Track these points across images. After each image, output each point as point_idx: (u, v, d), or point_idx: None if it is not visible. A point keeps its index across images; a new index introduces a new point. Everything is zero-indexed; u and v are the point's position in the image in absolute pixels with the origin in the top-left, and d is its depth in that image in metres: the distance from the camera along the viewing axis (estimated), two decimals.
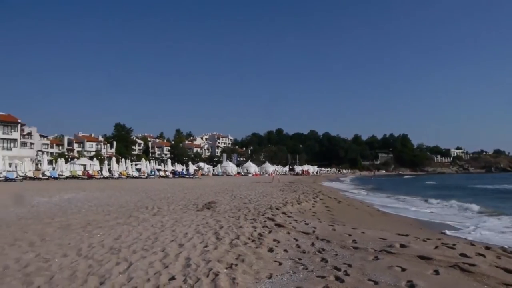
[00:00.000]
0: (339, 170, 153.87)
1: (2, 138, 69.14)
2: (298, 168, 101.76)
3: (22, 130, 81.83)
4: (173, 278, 5.21)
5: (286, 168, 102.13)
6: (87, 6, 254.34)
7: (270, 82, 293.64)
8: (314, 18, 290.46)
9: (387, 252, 6.82)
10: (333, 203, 19.36)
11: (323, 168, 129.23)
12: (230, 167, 78.05)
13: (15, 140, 72.58)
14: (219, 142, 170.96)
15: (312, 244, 7.53)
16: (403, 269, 5.72)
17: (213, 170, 78.81)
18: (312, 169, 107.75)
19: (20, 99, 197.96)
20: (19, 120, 75.11)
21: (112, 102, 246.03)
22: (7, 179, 39.20)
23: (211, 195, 20.61)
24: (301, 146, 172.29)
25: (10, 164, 46.36)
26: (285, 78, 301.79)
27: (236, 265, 5.86)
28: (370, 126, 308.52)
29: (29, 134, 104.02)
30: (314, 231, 9.04)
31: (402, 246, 7.27)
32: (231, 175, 70.38)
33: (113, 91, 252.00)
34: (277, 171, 76.58)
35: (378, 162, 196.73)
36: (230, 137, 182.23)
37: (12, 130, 72.32)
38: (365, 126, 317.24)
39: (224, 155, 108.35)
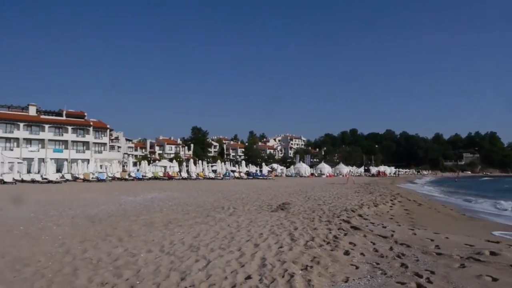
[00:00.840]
0: (418, 171, 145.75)
1: (94, 143, 75.75)
2: (373, 169, 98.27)
3: (110, 135, 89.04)
4: (249, 277, 5.32)
5: (361, 169, 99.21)
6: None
7: (344, 83, 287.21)
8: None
9: (475, 260, 6.33)
10: (413, 206, 18.39)
11: (400, 169, 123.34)
12: (303, 168, 77.66)
13: (105, 144, 79.12)
14: (292, 143, 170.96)
15: (391, 249, 7.23)
16: (494, 279, 5.28)
17: (286, 171, 79.00)
18: (389, 170, 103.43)
19: (108, 107, 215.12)
20: (108, 126, 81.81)
21: (190, 106, 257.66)
22: (98, 180, 42.88)
23: (285, 196, 20.69)
24: (376, 146, 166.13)
25: (101, 166, 50.69)
26: (359, 78, 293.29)
27: (312, 267, 5.82)
28: (452, 124, 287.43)
29: (117, 138, 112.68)
30: (392, 235, 8.68)
31: (492, 253, 6.70)
32: (304, 176, 70.01)
33: (190, 96, 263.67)
34: (352, 172, 74.61)
35: (463, 162, 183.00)
36: (303, 138, 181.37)
37: (102, 135, 78.89)
38: (446, 125, 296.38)
39: (297, 156, 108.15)
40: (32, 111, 72.42)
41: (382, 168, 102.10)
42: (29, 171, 45.91)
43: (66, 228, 9.40)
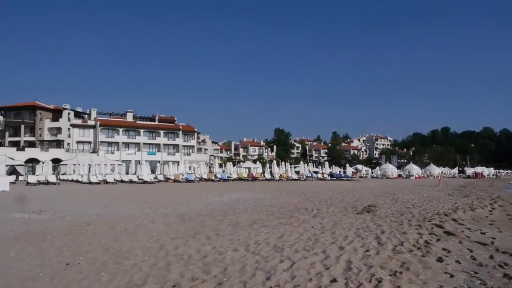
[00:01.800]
0: None
1: (183, 145, 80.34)
2: (469, 170, 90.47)
3: (198, 138, 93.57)
4: (334, 280, 5.24)
5: (455, 170, 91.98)
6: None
7: (432, 79, 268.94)
8: None
9: None
10: None
11: (501, 170, 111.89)
12: (390, 169, 74.25)
13: (193, 146, 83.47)
14: (377, 144, 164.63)
15: (491, 257, 6.62)
16: None
17: (372, 172, 76.23)
18: (487, 171, 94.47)
19: (195, 112, 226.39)
20: (196, 129, 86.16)
21: (272, 108, 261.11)
22: (187, 180, 45.33)
23: (370, 198, 19.98)
24: (472, 145, 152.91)
25: (189, 167, 53.55)
26: (449, 71, 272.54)
27: (401, 273, 5.55)
28: None
29: (204, 141, 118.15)
30: (493, 242, 7.94)
31: None
32: (391, 178, 66.89)
33: (274, 99, 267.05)
34: (444, 173, 69.55)
35: None
36: (389, 138, 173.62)
37: (191, 138, 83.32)
38: None
39: (383, 156, 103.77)
40: (129, 117, 78.97)
41: (479, 169, 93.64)
42: (127, 172, 50.11)
43: (160, 226, 10.09)
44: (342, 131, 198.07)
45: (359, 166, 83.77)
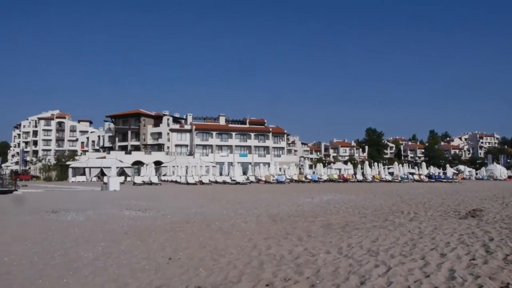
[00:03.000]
0: None
1: (273, 147, 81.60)
2: None
3: (287, 139, 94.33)
4: None
5: None
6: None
7: None
8: None
9: None
10: None
11: None
12: (498, 169, 67.13)
13: (282, 148, 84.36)
14: (482, 142, 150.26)
15: None
16: None
17: (476, 173, 69.68)
18: None
19: (285, 113, 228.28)
20: (285, 131, 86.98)
21: (363, 107, 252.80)
22: (278, 182, 45.90)
23: (475, 201, 18.28)
24: None
25: (280, 169, 54.16)
26: None
27: None
28: None
29: (293, 142, 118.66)
30: None
31: None
32: (500, 179, 60.46)
33: (362, 99, 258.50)
34: None
35: None
36: (496, 136, 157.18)
37: (280, 140, 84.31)
38: None
39: (490, 156, 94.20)
40: (222, 121, 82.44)
41: None
42: (221, 174, 52.29)
43: (252, 225, 10.37)
44: (440, 130, 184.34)
45: (461, 167, 77.19)
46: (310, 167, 64.04)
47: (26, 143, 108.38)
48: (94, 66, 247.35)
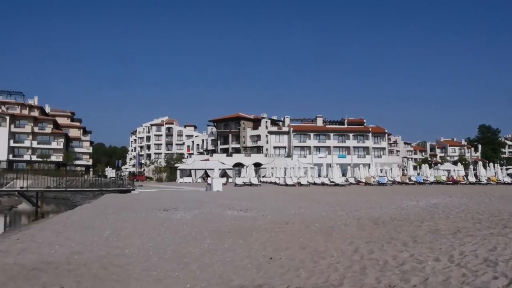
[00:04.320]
0: None
1: (373, 147, 78.56)
2: None
3: (389, 139, 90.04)
4: None
5: None
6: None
7: None
8: None
9: None
10: None
11: None
12: None
13: (383, 148, 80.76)
14: None
15: None
16: None
17: None
18: None
19: (386, 112, 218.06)
20: (386, 131, 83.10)
21: (476, 103, 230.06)
22: (379, 183, 44.04)
23: None
24: None
25: (381, 170, 51.90)
26: None
27: None
28: None
29: (395, 142, 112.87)
30: None
31: None
32: None
33: (472, 93, 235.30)
34: None
35: None
36: None
37: (381, 140, 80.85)
38: None
39: None
40: (319, 122, 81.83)
41: None
42: (319, 175, 51.82)
43: (353, 228, 10.10)
44: None
45: None
46: (415, 168, 60.16)
47: (141, 147, 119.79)
48: (198, 74, 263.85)
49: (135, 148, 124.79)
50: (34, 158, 76.02)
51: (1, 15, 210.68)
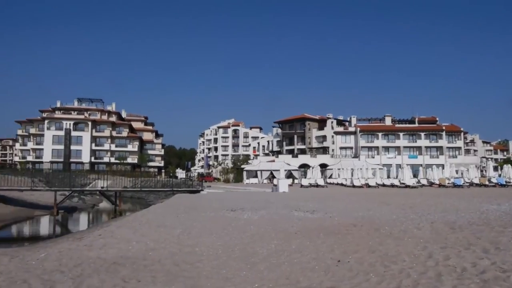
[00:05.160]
0: None
1: (447, 147, 73.94)
2: None
3: (465, 138, 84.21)
4: None
5: None
6: None
7: None
8: None
9: None
10: None
11: None
12: None
13: (459, 148, 75.71)
14: None
15: None
16: None
17: None
18: None
19: (461, 109, 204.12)
20: (462, 129, 77.78)
21: None
22: (455, 185, 41.34)
23: None
24: None
25: (456, 171, 48.70)
26: None
27: None
28: None
29: (472, 141, 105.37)
30: None
31: None
32: None
33: None
34: None
35: None
36: None
37: (456, 139, 75.86)
38: None
39: None
40: (388, 121, 78.81)
41: None
42: (388, 176, 49.94)
43: (427, 232, 9.58)
44: None
45: None
46: (495, 169, 55.58)
47: (209, 149, 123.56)
48: (263, 76, 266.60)
49: (203, 150, 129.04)
50: (112, 160, 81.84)
51: (81, 29, 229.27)
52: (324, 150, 75.44)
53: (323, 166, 60.91)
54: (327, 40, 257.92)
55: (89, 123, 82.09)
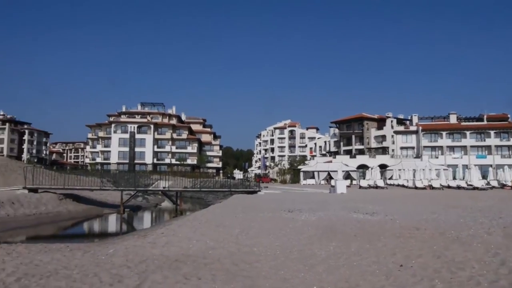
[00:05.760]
0: None
1: None
2: None
3: None
4: None
5: None
6: None
7: None
8: None
9: None
10: None
11: None
12: None
13: None
14: None
15: None
16: None
17: None
18: None
19: None
20: None
21: None
22: None
23: None
24: None
25: None
26: None
27: None
28: None
29: None
30: None
31: None
32: None
33: None
34: None
35: None
36: None
37: None
38: None
39: None
40: (452, 119, 74.64)
41: None
42: (454, 177, 47.27)
43: (499, 238, 8.93)
44: None
45: None
46: None
47: (265, 150, 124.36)
48: (319, 76, 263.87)
49: (260, 151, 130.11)
50: (173, 161, 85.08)
51: (137, 32, 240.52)
52: (384, 150, 72.96)
53: (383, 167, 58.92)
54: (376, 41, 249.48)
55: (152, 126, 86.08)
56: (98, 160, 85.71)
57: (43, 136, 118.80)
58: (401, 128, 75.88)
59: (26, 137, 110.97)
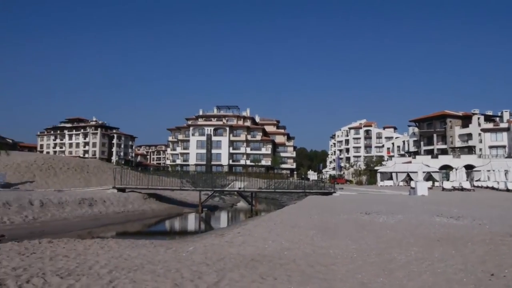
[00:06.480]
0: None
1: None
2: None
3: None
4: None
5: None
6: None
7: None
8: None
9: None
10: None
11: None
12: None
13: None
14: None
15: None
16: None
17: None
18: None
19: None
20: None
21: None
22: None
23: None
24: None
25: None
26: None
27: None
28: None
29: None
30: None
31: None
32: None
33: None
34: None
35: None
36: None
37: None
38: None
39: None
40: None
41: None
42: None
43: None
44: None
45: None
46: None
47: (340, 150, 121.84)
48: (395, 75, 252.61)
49: (334, 152, 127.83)
50: (248, 162, 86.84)
51: (206, 36, 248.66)
52: (470, 150, 67.70)
53: (469, 168, 54.67)
54: (454, 38, 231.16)
55: (227, 128, 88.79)
56: (178, 161, 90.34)
57: (129, 140, 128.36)
58: (490, 125, 69.88)
59: (115, 140, 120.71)
